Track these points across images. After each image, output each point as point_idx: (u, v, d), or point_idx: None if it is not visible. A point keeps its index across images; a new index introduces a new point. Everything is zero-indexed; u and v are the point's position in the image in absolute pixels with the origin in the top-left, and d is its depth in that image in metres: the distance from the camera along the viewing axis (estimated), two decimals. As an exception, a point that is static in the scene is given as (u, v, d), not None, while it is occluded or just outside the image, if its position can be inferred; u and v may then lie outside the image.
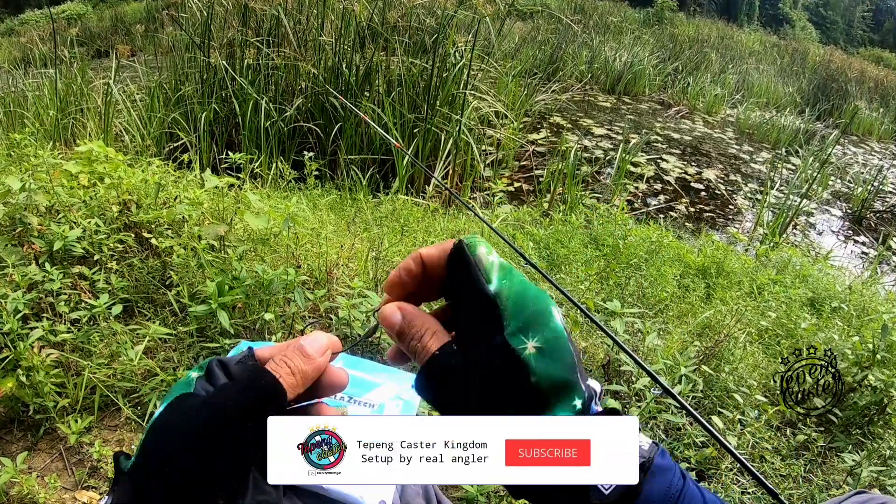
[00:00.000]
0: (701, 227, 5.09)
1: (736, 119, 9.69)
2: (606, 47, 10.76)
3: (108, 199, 2.47)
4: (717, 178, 6.60)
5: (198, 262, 2.29)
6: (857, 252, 5.43)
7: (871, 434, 2.13)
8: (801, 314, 2.95)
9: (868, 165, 8.51)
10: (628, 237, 3.50)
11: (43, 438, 1.78)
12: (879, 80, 14.44)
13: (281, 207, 2.50)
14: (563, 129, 7.30)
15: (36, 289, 2.02)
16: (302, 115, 4.71)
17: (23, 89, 4.78)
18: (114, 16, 11.25)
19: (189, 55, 4.87)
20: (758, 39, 17.39)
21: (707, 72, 11.60)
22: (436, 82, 4.65)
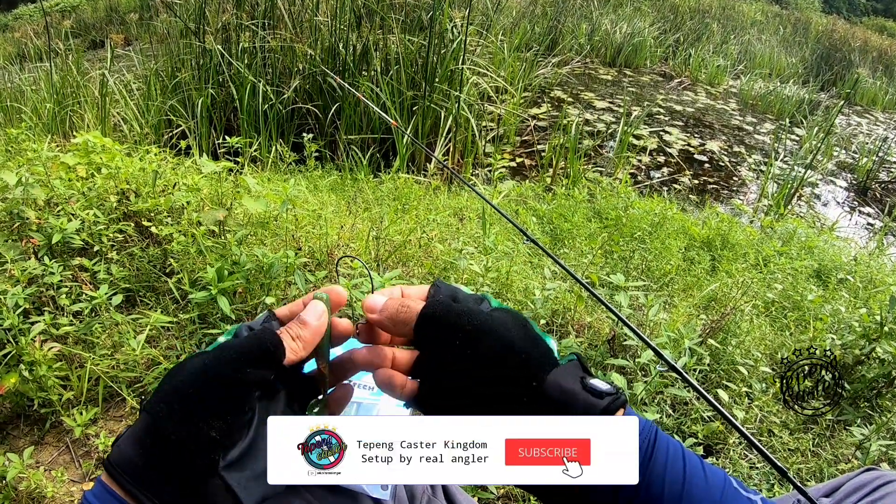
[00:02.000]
0: (705, 199, 5.06)
1: (739, 90, 9.59)
2: (606, 19, 10.63)
3: (107, 189, 2.45)
4: (720, 149, 6.54)
5: (197, 248, 2.28)
6: (862, 223, 5.39)
7: (879, 407, 2.12)
8: (808, 286, 2.93)
9: (873, 135, 8.43)
10: (629, 209, 3.48)
11: (49, 432, 1.78)
12: (883, 49, 14.27)
13: (280, 190, 2.48)
14: (564, 103, 7.24)
15: (36, 283, 2.01)
16: (300, 96, 4.67)
17: (19, 84, 4.75)
18: (108, 6, 11.15)
19: (184, 41, 4.82)
20: (760, 9, 17.14)
21: (709, 43, 11.47)
22: (433, 59, 4.60)
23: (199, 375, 0.49)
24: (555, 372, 0.52)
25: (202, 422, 0.47)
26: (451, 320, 0.53)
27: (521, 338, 0.53)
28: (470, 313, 0.53)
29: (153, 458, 0.47)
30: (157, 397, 0.48)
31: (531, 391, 0.51)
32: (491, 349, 0.52)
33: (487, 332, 0.52)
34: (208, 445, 0.47)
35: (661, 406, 2.01)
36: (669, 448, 0.51)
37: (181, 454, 0.46)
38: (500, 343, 0.52)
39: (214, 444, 0.48)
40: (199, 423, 0.47)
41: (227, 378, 0.49)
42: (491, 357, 0.51)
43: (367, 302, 0.58)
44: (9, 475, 1.49)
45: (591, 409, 0.50)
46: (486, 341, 0.52)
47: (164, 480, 0.47)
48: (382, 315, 0.57)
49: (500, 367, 0.51)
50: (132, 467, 0.47)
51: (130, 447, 0.48)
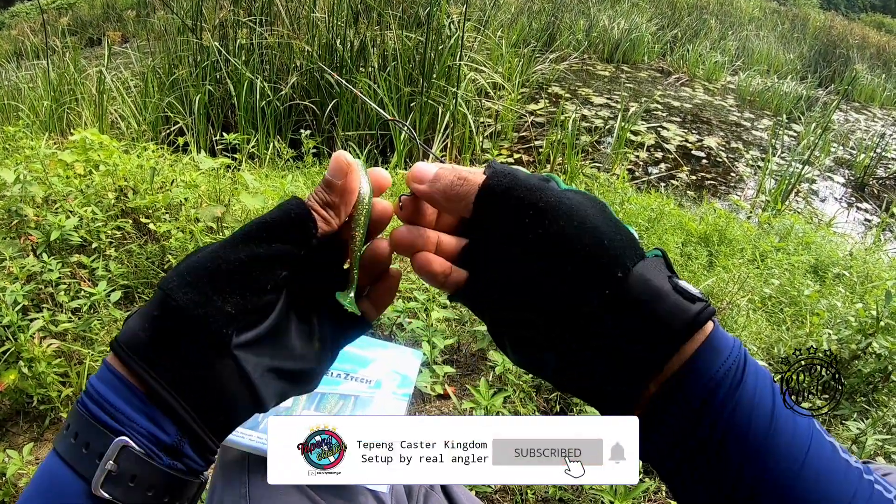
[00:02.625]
0: (703, 194, 5.06)
1: (737, 86, 9.59)
2: (604, 15, 10.62)
3: (105, 186, 2.46)
4: (718, 145, 6.55)
5: (195, 244, 2.28)
6: (859, 219, 5.40)
7: (875, 402, 2.13)
8: (805, 281, 2.94)
9: (870, 132, 8.44)
10: (625, 204, 3.48)
11: (49, 429, 1.78)
12: (881, 45, 14.25)
13: (277, 186, 2.49)
14: (561, 99, 7.24)
15: (35, 280, 2.01)
16: (297, 92, 4.67)
17: (16, 82, 4.75)
18: (104, 2, 11.10)
19: (181, 38, 4.82)
20: (758, 5, 17.12)
21: (706, 39, 11.46)
22: (431, 55, 4.60)
23: (217, 250, 0.45)
24: (642, 264, 0.44)
25: (216, 294, 0.43)
26: (521, 194, 0.45)
27: (602, 221, 0.45)
28: (541, 189, 0.45)
29: (160, 333, 0.43)
30: (172, 272, 0.45)
31: (615, 283, 0.43)
32: (567, 230, 0.44)
33: (564, 210, 0.44)
34: (220, 318, 0.43)
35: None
36: (760, 376, 0.43)
37: (190, 326, 0.42)
38: (579, 223, 0.44)
39: (228, 317, 0.43)
40: (211, 296, 0.43)
41: (247, 251, 0.44)
42: (568, 239, 0.43)
43: (416, 170, 0.49)
44: (8, 471, 1.50)
45: (679, 315, 0.42)
46: (561, 220, 0.44)
47: (170, 357, 0.43)
48: (434, 187, 0.48)
49: (578, 252, 0.43)
50: (138, 344, 0.43)
51: (138, 323, 0.44)
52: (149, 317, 0.43)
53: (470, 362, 2.19)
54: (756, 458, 0.40)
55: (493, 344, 2.10)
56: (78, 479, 0.41)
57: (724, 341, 0.43)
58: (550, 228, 0.44)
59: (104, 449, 0.41)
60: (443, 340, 2.02)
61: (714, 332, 0.43)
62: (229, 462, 0.84)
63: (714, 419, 0.41)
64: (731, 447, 0.41)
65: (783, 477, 0.40)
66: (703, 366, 0.42)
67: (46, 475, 0.42)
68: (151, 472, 0.42)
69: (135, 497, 0.42)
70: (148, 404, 0.42)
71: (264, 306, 0.46)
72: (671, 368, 0.42)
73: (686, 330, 0.42)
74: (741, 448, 0.40)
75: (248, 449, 0.83)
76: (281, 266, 0.46)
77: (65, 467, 0.41)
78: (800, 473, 0.40)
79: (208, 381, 0.43)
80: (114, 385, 0.42)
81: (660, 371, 0.43)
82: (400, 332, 2.16)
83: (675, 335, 0.42)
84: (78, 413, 0.42)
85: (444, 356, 2.18)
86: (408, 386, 0.98)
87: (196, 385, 0.43)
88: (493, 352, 2.06)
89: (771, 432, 0.41)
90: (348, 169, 0.48)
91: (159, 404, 0.42)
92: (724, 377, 0.41)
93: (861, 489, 0.41)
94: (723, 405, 0.41)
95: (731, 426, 0.41)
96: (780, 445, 0.41)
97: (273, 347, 0.47)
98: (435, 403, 1.99)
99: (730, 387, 0.41)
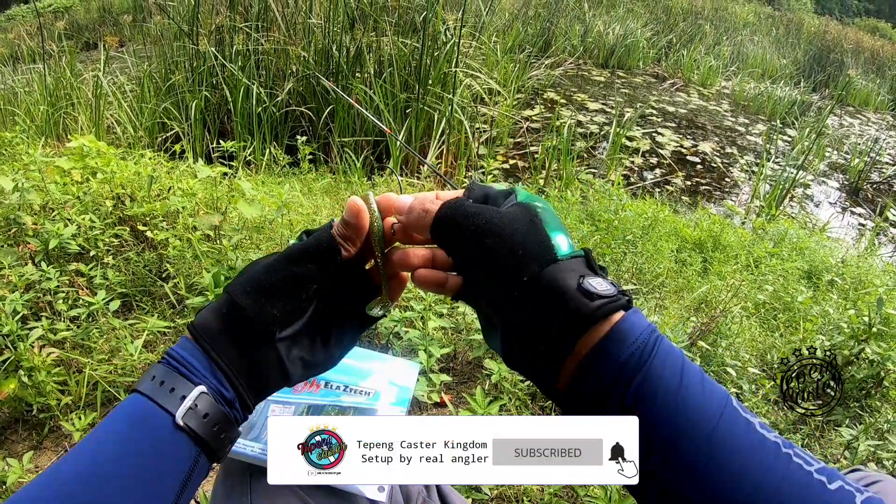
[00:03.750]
0: (697, 200, 5.08)
1: (731, 91, 9.63)
2: (599, 21, 10.66)
3: (102, 193, 2.46)
4: (713, 150, 6.58)
5: (193, 253, 2.29)
6: (854, 224, 5.43)
7: (868, 407, 2.15)
8: (798, 287, 2.96)
9: (864, 136, 8.48)
10: (619, 212, 3.49)
11: (48, 437, 1.79)
12: (875, 50, 14.32)
13: (274, 194, 2.50)
14: (557, 105, 7.26)
15: (33, 288, 2.02)
16: (294, 99, 4.68)
17: (12, 86, 4.74)
18: (101, 7, 11.09)
19: (178, 43, 4.82)
20: (752, 11, 17.18)
21: (701, 44, 11.50)
22: (427, 61, 4.62)
23: (267, 266, 0.60)
24: (552, 268, 0.53)
25: (268, 302, 0.58)
26: (459, 221, 0.56)
27: (522, 233, 0.55)
28: (478, 213, 0.56)
29: (226, 324, 0.58)
30: (235, 281, 0.59)
31: (522, 285, 0.52)
32: (492, 244, 0.54)
33: (490, 230, 0.55)
34: (269, 319, 0.58)
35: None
36: (669, 355, 0.49)
37: (248, 323, 0.57)
38: (500, 240, 0.54)
39: (274, 319, 0.58)
40: (264, 302, 0.58)
41: (289, 270, 0.59)
42: (490, 252, 0.54)
43: (390, 203, 0.63)
44: (8, 480, 1.51)
45: (578, 311, 0.50)
46: (488, 238, 0.54)
47: (231, 343, 0.58)
48: (408, 219, 0.61)
49: (499, 259, 0.54)
50: (209, 330, 0.58)
51: (210, 315, 0.59)
52: (219, 312, 0.58)
53: (466, 370, 2.21)
54: (663, 423, 0.46)
55: (489, 352, 2.12)
56: (163, 412, 0.53)
57: (632, 329, 0.50)
58: (482, 243, 0.55)
59: (188, 392, 0.55)
60: (439, 349, 2.03)
61: (621, 323, 0.50)
62: (232, 472, 0.85)
63: (622, 392, 0.48)
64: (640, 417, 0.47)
65: (693, 441, 0.46)
66: (610, 349, 0.49)
67: (131, 408, 0.54)
68: (218, 413, 0.56)
69: (205, 429, 0.55)
70: (215, 371, 0.57)
71: (300, 311, 0.60)
72: (581, 352, 0.50)
73: (584, 323, 0.50)
74: (648, 415, 0.47)
75: (251, 459, 0.84)
76: (313, 281, 0.60)
77: (150, 403, 0.54)
78: (710, 439, 0.45)
79: (256, 362, 0.59)
80: (193, 353, 0.57)
81: (570, 355, 0.51)
82: (397, 341, 2.17)
83: (575, 327, 0.50)
84: (163, 368, 0.56)
85: (441, 364, 2.19)
86: (406, 396, 1.00)
87: (248, 365, 0.58)
88: (489, 360, 2.07)
89: (679, 402, 0.47)
90: (359, 211, 0.61)
91: (224, 373, 0.57)
92: (628, 358, 0.48)
93: (778, 459, 0.46)
94: (629, 382, 0.48)
95: (638, 398, 0.47)
96: (689, 413, 0.46)
97: (303, 341, 0.61)
98: (431, 411, 2.00)
99: (636, 366, 0.48)
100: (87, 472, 0.50)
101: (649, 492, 0.49)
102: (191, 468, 0.54)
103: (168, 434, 0.53)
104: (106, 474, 0.50)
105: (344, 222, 0.62)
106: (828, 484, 0.44)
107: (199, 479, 0.56)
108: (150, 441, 0.52)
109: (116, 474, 0.50)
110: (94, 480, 0.49)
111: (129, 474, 0.50)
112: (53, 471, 0.51)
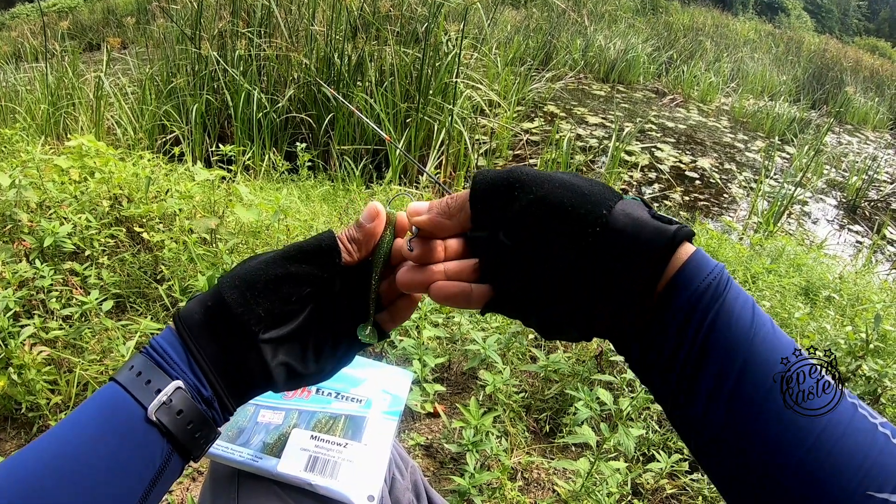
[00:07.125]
0: (695, 215, 5.09)
1: (731, 107, 9.68)
2: (601, 35, 10.72)
3: (99, 193, 2.45)
4: (711, 166, 6.59)
5: (189, 256, 2.28)
6: (851, 241, 5.44)
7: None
8: (796, 303, 2.95)
9: (863, 154, 8.52)
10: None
11: (36, 436, 1.77)
12: (875, 69, 14.42)
13: (272, 199, 2.49)
14: (557, 118, 7.28)
15: (27, 286, 2.01)
16: (294, 105, 4.68)
17: (14, 84, 4.74)
18: (105, 8, 11.15)
19: (180, 47, 4.83)
20: (753, 28, 17.34)
21: (702, 60, 11.57)
22: (428, 72, 4.63)
23: (260, 264, 0.57)
24: (621, 203, 0.50)
25: (253, 299, 0.55)
26: (505, 175, 0.52)
27: (578, 179, 0.52)
28: (518, 169, 0.53)
29: (209, 318, 0.55)
30: (227, 274, 0.57)
31: (601, 221, 0.49)
32: (551, 190, 0.50)
33: (543, 177, 0.52)
34: (253, 317, 0.55)
35: (648, 422, 2.02)
36: (741, 293, 0.49)
37: (231, 318, 0.55)
38: (560, 183, 0.51)
39: (258, 318, 0.55)
40: (250, 299, 0.55)
41: (282, 269, 0.56)
42: (554, 198, 0.50)
43: (412, 208, 0.58)
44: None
45: (660, 235, 0.48)
46: (545, 185, 0.51)
47: (212, 338, 0.55)
48: (433, 212, 0.56)
49: (564, 205, 0.50)
50: (193, 322, 0.55)
51: (196, 306, 0.56)
52: (204, 304, 0.56)
53: (460, 381, 2.19)
54: (736, 356, 0.46)
55: (483, 363, 2.10)
56: (136, 404, 0.52)
57: (706, 262, 0.49)
58: (538, 192, 0.51)
59: (163, 386, 0.53)
60: (434, 359, 2.02)
61: (695, 254, 0.49)
62: (220, 477, 0.84)
63: (699, 323, 0.47)
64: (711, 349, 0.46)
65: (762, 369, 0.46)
66: (686, 280, 0.48)
67: (105, 398, 0.53)
68: (193, 410, 0.54)
69: (178, 426, 0.53)
70: (194, 367, 0.55)
71: (289, 314, 0.57)
72: (661, 285, 0.49)
73: (669, 245, 0.48)
74: (722, 347, 0.46)
75: (239, 465, 0.83)
76: (307, 284, 0.57)
77: (124, 394, 0.52)
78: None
79: (237, 361, 0.56)
80: (174, 346, 0.55)
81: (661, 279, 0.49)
82: (391, 350, 2.15)
83: (661, 252, 0.48)
84: (143, 358, 0.54)
85: (435, 374, 2.18)
86: (398, 405, 0.99)
87: (228, 364, 0.56)
88: (483, 371, 2.06)
89: (751, 337, 0.46)
90: (377, 215, 0.58)
91: (202, 370, 0.55)
92: (705, 290, 0.47)
93: (845, 405, 0.46)
94: (706, 313, 0.47)
95: (712, 329, 0.46)
96: (759, 347, 0.46)
97: (289, 348, 0.58)
98: (424, 421, 1.99)
99: (711, 297, 0.47)
100: (57, 454, 0.49)
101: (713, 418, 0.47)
102: (162, 465, 0.53)
103: (140, 426, 0.52)
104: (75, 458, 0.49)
105: (358, 224, 0.59)
106: (892, 437, 0.44)
107: (171, 477, 0.55)
108: (121, 431, 0.51)
109: (85, 461, 0.49)
110: (62, 462, 0.49)
111: (98, 462, 0.50)
112: (20, 456, 0.49)
